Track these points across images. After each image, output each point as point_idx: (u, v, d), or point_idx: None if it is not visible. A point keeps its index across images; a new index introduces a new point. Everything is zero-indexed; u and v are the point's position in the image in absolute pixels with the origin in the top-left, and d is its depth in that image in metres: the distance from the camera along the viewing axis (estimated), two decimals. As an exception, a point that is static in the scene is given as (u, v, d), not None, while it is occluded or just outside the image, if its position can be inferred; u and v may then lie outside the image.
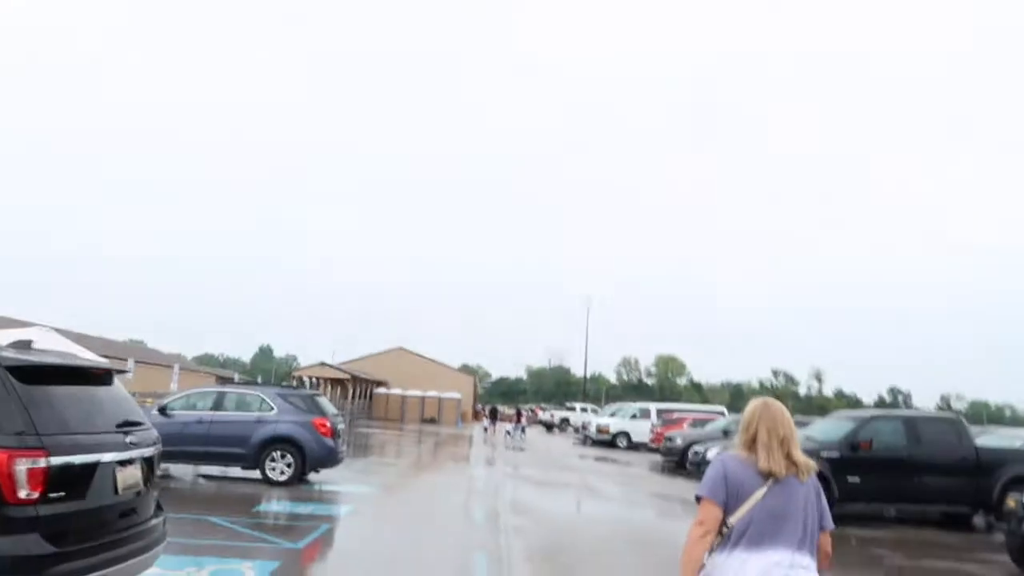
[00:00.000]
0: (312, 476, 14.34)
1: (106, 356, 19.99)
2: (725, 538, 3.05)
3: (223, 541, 8.42)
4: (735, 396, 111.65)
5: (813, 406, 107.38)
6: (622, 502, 15.48)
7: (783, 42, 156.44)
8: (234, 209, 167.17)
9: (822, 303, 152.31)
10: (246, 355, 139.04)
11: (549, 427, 54.80)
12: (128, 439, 4.83)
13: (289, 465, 13.49)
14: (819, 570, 3.11)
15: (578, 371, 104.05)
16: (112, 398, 5.09)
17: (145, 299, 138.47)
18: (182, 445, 13.26)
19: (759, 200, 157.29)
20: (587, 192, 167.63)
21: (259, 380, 46.82)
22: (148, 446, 5.12)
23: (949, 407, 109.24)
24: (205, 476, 14.29)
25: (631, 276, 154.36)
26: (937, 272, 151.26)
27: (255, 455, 13.52)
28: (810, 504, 3.12)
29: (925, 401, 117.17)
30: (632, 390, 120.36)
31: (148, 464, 5.10)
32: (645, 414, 34.91)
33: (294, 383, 37.76)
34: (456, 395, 56.45)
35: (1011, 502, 10.17)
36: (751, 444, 3.18)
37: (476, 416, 59.30)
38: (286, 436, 13.61)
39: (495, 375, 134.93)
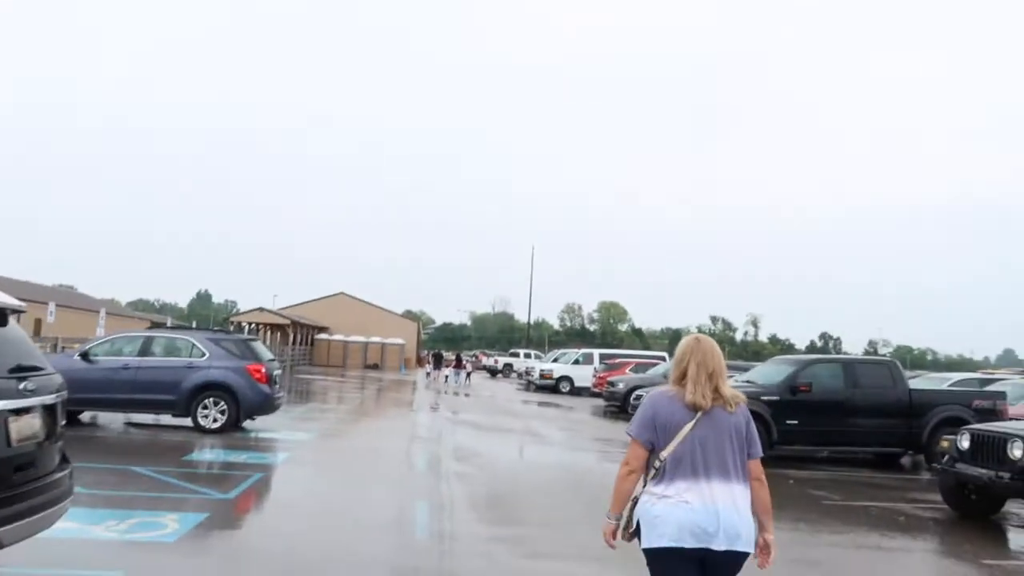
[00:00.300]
0: (248, 424, 13.88)
1: (26, 300, 18.89)
2: (659, 471, 3.14)
3: (148, 492, 7.98)
4: (675, 342, 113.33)
5: (749, 351, 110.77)
6: (565, 447, 15.47)
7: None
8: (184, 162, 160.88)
9: (759, 251, 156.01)
10: (183, 301, 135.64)
11: (493, 373, 54.90)
12: (23, 386, 4.33)
13: (223, 412, 12.99)
14: (755, 497, 3.19)
15: (522, 317, 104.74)
16: (6, 340, 4.56)
17: (80, 244, 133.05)
18: (107, 392, 12.71)
19: (698, 143, 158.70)
20: (534, 139, 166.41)
21: (194, 325, 45.55)
22: (49, 393, 4.62)
23: (876, 352, 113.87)
24: (135, 424, 13.70)
25: (575, 222, 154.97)
26: (865, 222, 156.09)
27: (186, 402, 12.97)
28: (738, 433, 3.20)
29: (854, 346, 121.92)
30: (575, 336, 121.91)
31: (50, 413, 4.61)
32: (588, 359, 35.18)
33: (231, 328, 36.79)
34: (399, 341, 56.03)
35: (944, 443, 10.40)
36: (681, 379, 3.26)
37: (420, 362, 59.06)
38: (218, 382, 13.07)
39: (439, 321, 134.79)
